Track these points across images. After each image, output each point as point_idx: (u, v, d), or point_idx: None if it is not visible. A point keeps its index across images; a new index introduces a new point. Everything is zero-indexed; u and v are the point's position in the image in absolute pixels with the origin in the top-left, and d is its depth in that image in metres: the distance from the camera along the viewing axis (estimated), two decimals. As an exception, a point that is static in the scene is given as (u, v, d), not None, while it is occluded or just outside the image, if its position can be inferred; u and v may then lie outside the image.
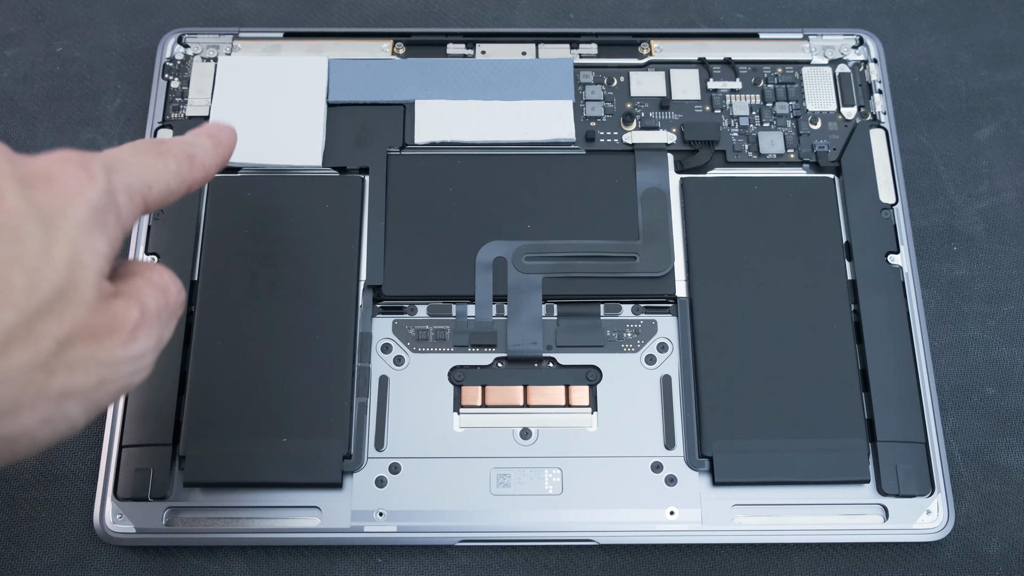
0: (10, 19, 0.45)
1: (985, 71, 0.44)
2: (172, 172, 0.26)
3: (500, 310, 0.38)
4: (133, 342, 0.23)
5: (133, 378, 0.23)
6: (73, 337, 0.21)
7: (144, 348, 0.23)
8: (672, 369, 0.37)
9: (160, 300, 0.24)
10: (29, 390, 0.21)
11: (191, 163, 0.27)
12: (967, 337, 0.39)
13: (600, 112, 0.41)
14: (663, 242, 0.38)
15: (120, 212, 0.23)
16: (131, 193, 0.24)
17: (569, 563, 0.36)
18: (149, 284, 0.25)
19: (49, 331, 0.21)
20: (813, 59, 0.42)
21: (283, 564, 0.35)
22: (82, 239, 0.21)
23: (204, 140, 0.29)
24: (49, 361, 0.21)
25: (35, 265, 0.20)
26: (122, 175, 0.24)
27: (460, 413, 0.36)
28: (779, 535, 0.35)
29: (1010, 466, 0.37)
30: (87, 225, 0.22)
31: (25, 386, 0.20)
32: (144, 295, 0.24)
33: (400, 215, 0.39)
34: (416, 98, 0.41)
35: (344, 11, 0.45)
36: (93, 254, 0.22)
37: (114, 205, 0.23)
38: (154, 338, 0.24)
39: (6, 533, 0.36)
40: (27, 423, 0.21)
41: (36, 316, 0.20)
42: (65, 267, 0.21)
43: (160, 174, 0.26)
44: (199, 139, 0.29)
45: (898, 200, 0.39)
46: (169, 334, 0.25)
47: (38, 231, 0.21)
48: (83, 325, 0.21)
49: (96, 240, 0.22)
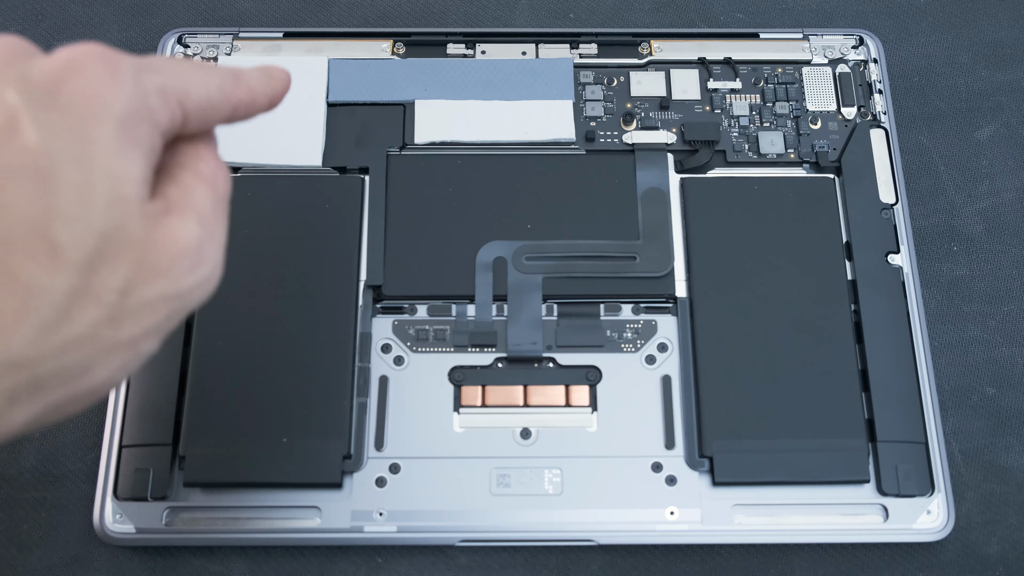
0: (10, 19, 0.45)
1: (985, 71, 0.44)
2: (214, 84, 0.23)
3: (500, 310, 0.38)
4: (200, 263, 0.21)
5: (205, 293, 0.22)
6: (134, 281, 0.20)
7: (212, 262, 0.22)
8: (672, 369, 0.37)
9: (212, 196, 0.22)
10: (99, 347, 0.19)
11: (236, 80, 0.24)
12: (967, 337, 0.39)
13: (600, 112, 0.41)
14: (663, 242, 0.38)
15: (155, 117, 0.21)
16: (165, 95, 0.21)
17: (569, 563, 0.36)
18: (199, 179, 0.22)
19: (107, 283, 0.19)
20: (813, 59, 0.42)
21: (283, 564, 0.35)
22: (117, 165, 0.19)
23: (253, 70, 0.26)
24: (114, 313, 0.19)
25: (75, 214, 0.19)
26: (154, 76, 0.21)
27: (460, 413, 0.36)
28: (779, 535, 0.35)
29: (1010, 466, 0.37)
30: (118, 146, 0.20)
31: (95, 345, 0.19)
32: (197, 199, 0.22)
33: (400, 215, 0.39)
34: (416, 98, 0.41)
35: (344, 11, 0.45)
36: (132, 181, 0.20)
37: (146, 111, 0.21)
38: (217, 244, 0.22)
39: (6, 533, 0.36)
40: (102, 376, 0.20)
41: (90, 271, 0.19)
42: (107, 207, 0.19)
43: (200, 82, 0.23)
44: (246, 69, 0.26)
45: (898, 200, 0.39)
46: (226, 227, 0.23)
47: (69, 171, 0.19)
48: (142, 264, 0.20)
49: (131, 161, 0.20)
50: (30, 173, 0.18)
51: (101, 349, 0.20)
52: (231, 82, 0.24)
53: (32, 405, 0.19)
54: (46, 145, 0.19)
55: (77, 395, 0.20)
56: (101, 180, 0.19)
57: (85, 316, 0.19)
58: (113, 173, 0.19)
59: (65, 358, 0.19)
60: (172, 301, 0.21)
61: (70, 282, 0.19)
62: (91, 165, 0.19)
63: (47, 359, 0.19)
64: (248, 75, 0.25)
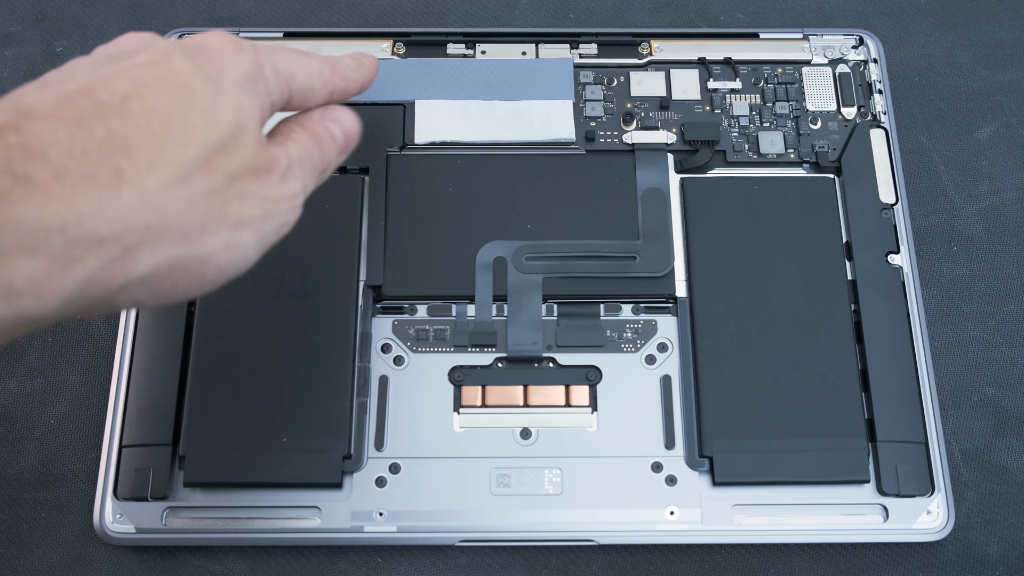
0: (10, 19, 0.45)
1: (985, 71, 0.44)
2: (315, 70, 0.28)
3: (500, 310, 0.38)
4: (285, 182, 0.26)
5: (289, 216, 0.26)
6: (240, 172, 0.24)
7: (293, 189, 0.26)
8: (672, 369, 0.37)
9: (303, 151, 0.27)
10: (212, 214, 0.23)
11: (333, 69, 0.29)
12: (967, 337, 0.39)
13: (600, 112, 0.41)
14: (663, 242, 0.38)
15: (268, 86, 0.26)
16: (277, 72, 0.27)
17: (569, 563, 0.36)
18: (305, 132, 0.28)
19: (222, 164, 0.24)
20: (813, 59, 0.42)
21: (283, 564, 0.35)
22: (240, 98, 0.24)
23: (346, 59, 0.31)
24: (223, 191, 0.24)
25: (209, 110, 0.23)
26: (268, 56, 0.27)
27: (460, 413, 0.36)
28: (779, 535, 0.35)
29: (1010, 466, 0.37)
30: (244, 85, 0.25)
31: (208, 210, 0.23)
32: (291, 145, 0.27)
33: (400, 215, 0.39)
34: (416, 98, 0.41)
35: (344, 11, 0.45)
36: (250, 111, 0.25)
37: (263, 78, 0.26)
38: (300, 182, 0.27)
39: (6, 533, 0.36)
40: (213, 245, 0.24)
41: (213, 151, 0.23)
42: (233, 112, 0.24)
43: (304, 68, 0.28)
44: (340, 57, 0.31)
45: (898, 200, 0.39)
46: (312, 183, 0.28)
47: (206, 85, 0.24)
48: (248, 163, 0.24)
49: (251, 101, 0.25)
50: (177, 83, 0.23)
51: (212, 216, 0.24)
52: (329, 69, 0.29)
53: (154, 254, 0.22)
54: (190, 68, 0.24)
55: (190, 260, 0.23)
56: (231, 95, 0.24)
57: (202, 182, 0.23)
58: (238, 100, 0.24)
59: (185, 211, 0.23)
60: (265, 202, 0.25)
61: (196, 153, 0.23)
62: (223, 85, 0.24)
63: (171, 205, 0.22)
64: (342, 63, 0.30)
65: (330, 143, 0.29)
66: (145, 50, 0.24)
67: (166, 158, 0.22)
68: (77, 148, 0.21)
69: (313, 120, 0.29)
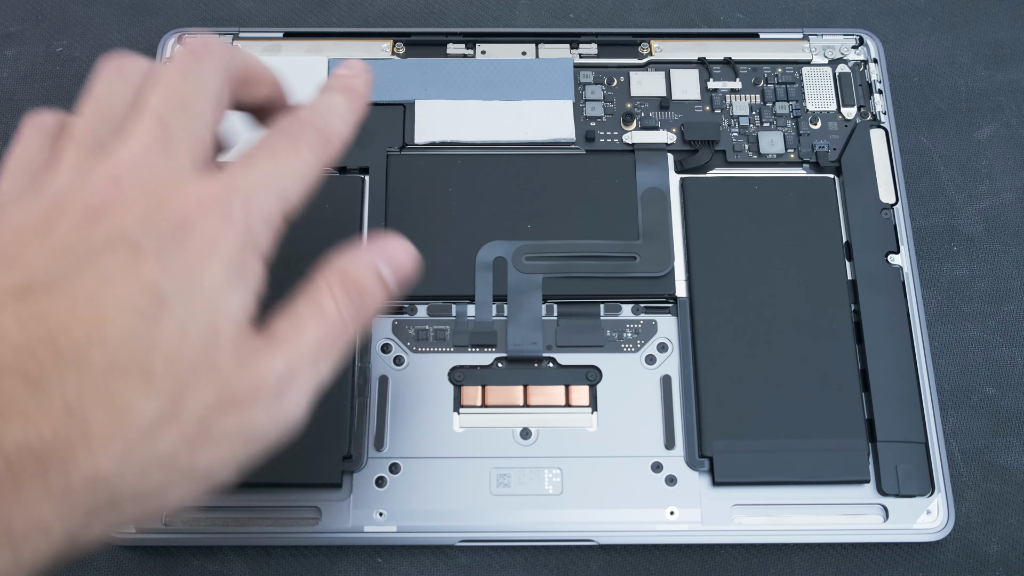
0: (10, 19, 0.45)
1: (985, 71, 0.44)
2: (308, 164, 0.24)
3: (500, 310, 0.38)
4: (278, 402, 0.22)
5: (279, 433, 0.22)
6: (214, 407, 0.21)
7: (289, 410, 0.22)
8: (672, 369, 0.37)
9: (320, 334, 0.23)
10: (175, 471, 0.20)
11: (326, 144, 0.25)
12: (967, 337, 0.39)
13: (600, 112, 0.41)
14: (663, 242, 0.38)
15: (259, 244, 0.22)
16: (269, 219, 0.23)
17: (569, 563, 0.36)
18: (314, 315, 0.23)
19: (191, 406, 0.20)
20: (813, 59, 0.42)
21: (283, 564, 0.35)
22: (220, 301, 0.21)
23: (337, 101, 0.26)
24: (194, 439, 0.20)
25: (173, 347, 0.20)
26: (259, 202, 0.23)
27: (460, 413, 0.36)
28: (779, 535, 0.35)
29: (1010, 466, 0.37)
30: (224, 284, 0.21)
31: (171, 468, 0.20)
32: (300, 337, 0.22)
33: (400, 215, 0.39)
34: (416, 98, 0.41)
35: (344, 11, 0.45)
36: (231, 318, 0.21)
37: (253, 242, 0.22)
38: (302, 392, 0.22)
39: (6, 533, 0.36)
40: (174, 499, 0.21)
41: (178, 397, 0.20)
42: (201, 342, 0.20)
43: (296, 176, 0.24)
44: (332, 101, 0.26)
45: (898, 200, 0.39)
46: (329, 370, 0.23)
47: (175, 308, 0.20)
48: (224, 393, 0.21)
49: (234, 296, 0.21)
50: (142, 307, 0.20)
51: (178, 473, 0.20)
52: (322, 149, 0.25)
53: (107, 522, 0.20)
54: (162, 280, 0.20)
55: (146, 513, 0.21)
56: (202, 318, 0.20)
57: (168, 439, 0.20)
58: (214, 311, 0.21)
59: (145, 479, 0.20)
60: (247, 434, 0.21)
61: (159, 406, 0.20)
62: (196, 304, 0.20)
63: (129, 477, 0.20)
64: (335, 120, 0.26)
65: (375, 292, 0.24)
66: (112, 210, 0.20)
67: (123, 425, 0.19)
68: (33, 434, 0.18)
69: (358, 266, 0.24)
